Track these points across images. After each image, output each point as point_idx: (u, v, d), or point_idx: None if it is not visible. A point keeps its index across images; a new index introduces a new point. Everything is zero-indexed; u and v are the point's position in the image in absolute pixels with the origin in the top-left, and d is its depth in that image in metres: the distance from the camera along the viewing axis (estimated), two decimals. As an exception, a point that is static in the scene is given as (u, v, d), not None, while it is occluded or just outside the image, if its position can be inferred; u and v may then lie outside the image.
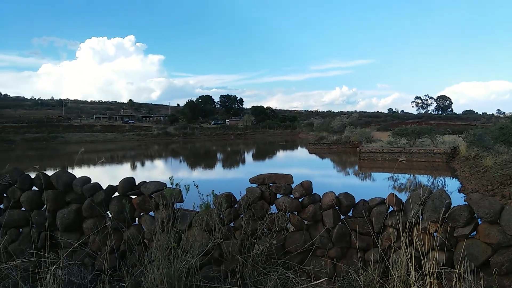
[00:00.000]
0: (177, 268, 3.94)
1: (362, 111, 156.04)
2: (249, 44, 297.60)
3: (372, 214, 4.65)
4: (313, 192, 4.88)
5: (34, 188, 5.30)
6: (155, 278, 3.93)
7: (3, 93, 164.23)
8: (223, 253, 4.68)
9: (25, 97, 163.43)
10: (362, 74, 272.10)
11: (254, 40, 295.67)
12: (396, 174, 23.50)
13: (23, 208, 5.28)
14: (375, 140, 41.42)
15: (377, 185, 21.25)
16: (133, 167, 36.92)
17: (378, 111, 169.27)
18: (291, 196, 4.87)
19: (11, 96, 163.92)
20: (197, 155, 50.98)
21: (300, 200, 4.83)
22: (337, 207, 4.76)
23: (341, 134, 50.96)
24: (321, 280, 4.29)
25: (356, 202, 4.79)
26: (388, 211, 4.65)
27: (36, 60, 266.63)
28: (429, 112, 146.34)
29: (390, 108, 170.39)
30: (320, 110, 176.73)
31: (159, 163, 42.94)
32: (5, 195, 5.35)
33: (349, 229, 4.69)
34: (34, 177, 5.28)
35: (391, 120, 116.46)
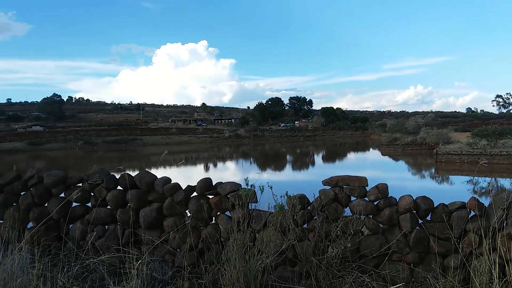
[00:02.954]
0: (253, 267, 4.03)
1: (439, 111, 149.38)
2: (319, 45, 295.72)
3: (452, 219, 4.47)
4: (389, 195, 4.79)
5: (119, 187, 5.63)
6: (232, 276, 4.04)
7: (85, 98, 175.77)
8: (297, 254, 4.71)
9: (106, 101, 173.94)
10: (439, 72, 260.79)
11: (324, 41, 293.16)
12: (476, 177, 22.27)
13: (108, 206, 5.58)
14: (453, 142, 39.53)
15: (456, 189, 20.33)
16: (206, 168, 38.00)
17: (455, 111, 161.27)
18: (366, 199, 4.80)
19: (92, 101, 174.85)
20: (267, 157, 51.40)
21: (375, 203, 4.75)
22: (414, 211, 4.63)
23: (416, 135, 49.18)
24: (398, 286, 4.18)
25: (434, 206, 4.64)
26: (469, 216, 4.45)
27: (115, 67, 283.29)
28: None
29: (469, 108, 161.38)
30: (393, 111, 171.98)
31: (230, 164, 43.83)
32: (92, 194, 5.71)
33: (427, 234, 4.54)
34: (119, 177, 5.61)
35: (470, 120, 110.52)
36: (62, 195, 5.73)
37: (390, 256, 4.59)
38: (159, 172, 5.68)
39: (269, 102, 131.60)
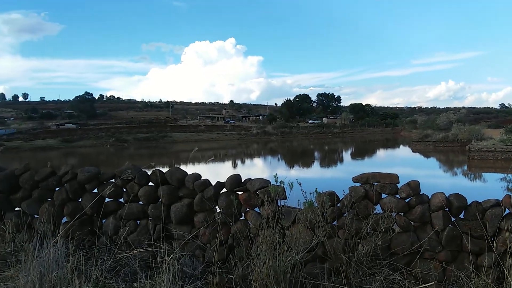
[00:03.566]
0: (282, 263, 4.04)
1: (471, 107, 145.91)
2: (347, 40, 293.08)
3: (486, 217, 4.38)
4: (421, 193, 4.72)
5: (150, 183, 5.71)
6: (261, 272, 4.05)
7: (116, 96, 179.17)
8: (326, 251, 4.70)
9: (136, 99, 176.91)
10: (471, 67, 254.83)
11: (352, 36, 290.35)
12: (510, 175, 21.66)
13: (140, 202, 5.69)
14: (486, 138, 38.49)
15: (489, 186, 19.85)
16: (234, 165, 38.18)
17: (488, 107, 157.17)
18: (397, 196, 4.74)
19: (123, 99, 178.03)
20: (295, 154, 51.25)
21: (406, 200, 4.69)
22: (447, 209, 4.55)
23: (447, 132, 48.18)
24: (429, 284, 4.13)
25: (468, 204, 4.55)
26: (504, 214, 4.35)
27: (145, 65, 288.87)
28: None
29: (502, 103, 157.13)
30: (424, 107, 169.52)
31: (258, 161, 43.91)
32: (124, 189, 5.82)
33: (460, 232, 4.46)
34: (150, 173, 5.71)
35: (504, 116, 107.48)
36: (95, 190, 5.86)
37: (421, 254, 4.53)
38: (188, 169, 5.76)
39: (297, 99, 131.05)
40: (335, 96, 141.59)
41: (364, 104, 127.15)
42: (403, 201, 4.68)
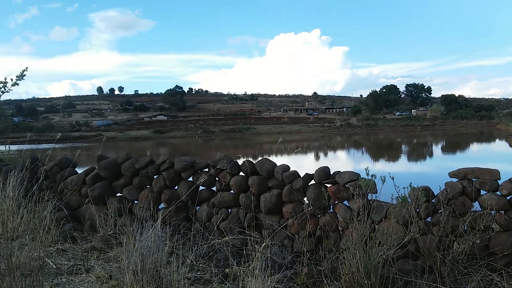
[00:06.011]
0: (373, 258, 4.00)
1: None
2: (438, 28, 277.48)
3: None
4: (524, 190, 4.40)
5: (241, 173, 5.92)
6: (351, 265, 4.04)
7: (204, 90, 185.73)
8: (419, 248, 4.56)
9: (222, 92, 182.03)
10: None
11: (443, 24, 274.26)
12: None
13: (232, 191, 5.93)
14: None
15: None
16: (317, 157, 37.97)
17: None
18: (498, 193, 4.48)
19: (210, 92, 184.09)
20: (380, 147, 49.82)
21: (508, 198, 4.41)
22: (553, 209, 4.22)
23: (552, 126, 44.04)
24: (532, 287, 3.88)
25: None
26: None
27: (231, 58, 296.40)
28: None
29: None
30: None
31: (341, 154, 43.30)
32: (217, 179, 6.09)
33: None
34: (241, 164, 5.91)
35: None
36: (190, 179, 6.19)
37: (523, 255, 4.25)
38: (273, 160, 5.87)
39: (384, 90, 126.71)
40: (425, 87, 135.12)
41: (457, 95, 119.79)
42: (504, 198, 4.41)
